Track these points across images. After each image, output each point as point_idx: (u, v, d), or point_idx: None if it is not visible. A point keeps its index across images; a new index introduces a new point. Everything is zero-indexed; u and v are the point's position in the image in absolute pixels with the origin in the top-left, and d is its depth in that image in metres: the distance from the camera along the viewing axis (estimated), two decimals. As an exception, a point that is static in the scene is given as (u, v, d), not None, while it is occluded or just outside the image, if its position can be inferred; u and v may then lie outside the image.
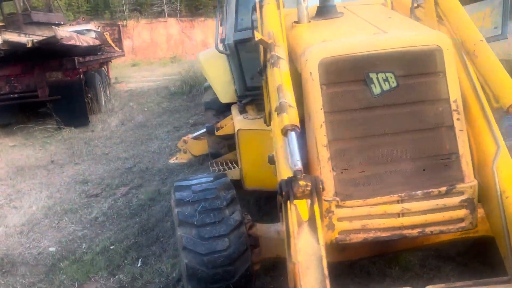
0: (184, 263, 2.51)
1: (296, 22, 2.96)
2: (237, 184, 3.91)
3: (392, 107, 2.37)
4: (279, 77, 2.31)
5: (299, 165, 1.90)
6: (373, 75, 2.36)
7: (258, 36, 2.62)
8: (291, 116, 2.10)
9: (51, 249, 4.26)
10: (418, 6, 3.18)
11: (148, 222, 4.62)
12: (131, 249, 4.06)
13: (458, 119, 2.30)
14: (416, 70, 2.37)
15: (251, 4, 4.09)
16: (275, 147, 2.49)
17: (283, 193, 1.87)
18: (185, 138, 6.78)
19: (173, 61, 27.33)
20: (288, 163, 2.21)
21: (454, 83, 2.32)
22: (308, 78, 2.39)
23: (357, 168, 2.36)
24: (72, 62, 9.12)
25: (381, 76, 2.36)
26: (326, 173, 2.30)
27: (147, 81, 17.75)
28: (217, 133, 4.27)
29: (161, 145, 7.82)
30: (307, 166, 2.44)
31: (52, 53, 8.76)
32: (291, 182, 1.86)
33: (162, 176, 6.15)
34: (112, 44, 15.79)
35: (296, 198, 1.86)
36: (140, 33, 32.51)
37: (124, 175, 6.27)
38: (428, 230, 2.33)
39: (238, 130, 3.72)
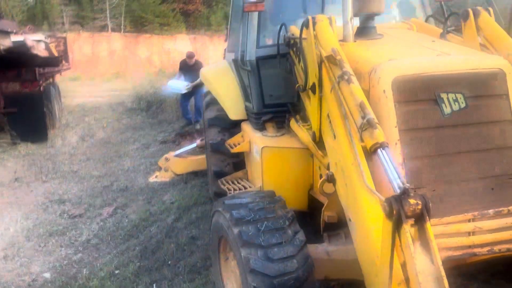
0: (251, 287, 2.37)
1: (341, 40, 2.98)
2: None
3: (461, 127, 2.44)
4: (359, 94, 2.31)
5: (405, 182, 1.88)
6: (443, 95, 2.43)
7: (325, 52, 2.60)
8: (381, 132, 2.10)
9: (46, 275, 3.86)
10: (449, 32, 3.34)
11: (149, 244, 4.35)
12: (140, 273, 3.79)
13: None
14: (482, 92, 2.47)
15: (272, 21, 4.12)
16: (344, 165, 2.45)
17: (394, 212, 1.82)
18: (167, 155, 6.57)
19: (117, 76, 26.46)
20: (364, 182, 2.17)
21: (517, 105, 2.44)
22: (381, 96, 2.40)
23: (429, 187, 2.39)
24: (33, 73, 8.52)
25: (451, 96, 2.43)
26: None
27: (95, 96, 16.97)
28: (233, 150, 4.13)
29: (134, 163, 7.47)
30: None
31: (9, 63, 8.12)
32: (401, 200, 1.81)
33: (146, 196, 5.84)
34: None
35: (407, 217, 1.82)
36: (81, 46, 31.18)
37: (104, 194, 5.89)
38: (497, 248, 2.39)
39: (263, 148, 3.63)
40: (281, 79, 3.92)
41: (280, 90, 3.98)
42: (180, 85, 9.04)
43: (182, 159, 6.61)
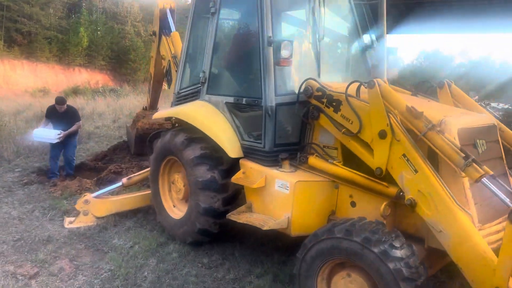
0: None
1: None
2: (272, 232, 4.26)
3: (486, 161, 3.69)
4: (451, 140, 3.30)
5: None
6: (478, 141, 3.66)
7: (397, 107, 3.53)
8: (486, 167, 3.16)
9: None
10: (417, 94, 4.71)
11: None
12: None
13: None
14: (490, 138, 3.82)
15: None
16: (432, 191, 3.32)
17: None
18: (86, 197, 6.00)
19: None
20: (456, 202, 3.19)
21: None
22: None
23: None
24: None
25: (481, 141, 3.68)
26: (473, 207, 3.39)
27: None
28: (253, 186, 4.40)
29: (20, 210, 6.35)
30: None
31: None
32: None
33: (88, 243, 5.25)
34: None
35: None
36: None
37: (24, 252, 4.96)
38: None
39: (297, 182, 4.14)
40: (291, 121, 4.55)
41: (290, 131, 4.60)
42: (50, 133, 7.80)
43: (104, 200, 6.12)
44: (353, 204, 4.14)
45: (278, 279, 4.46)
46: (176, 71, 7.39)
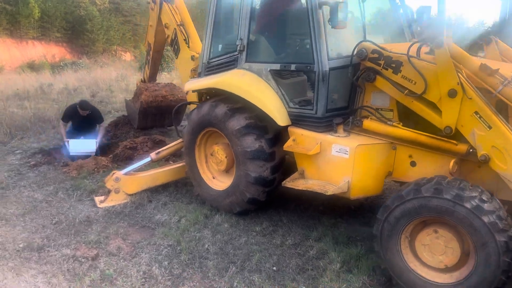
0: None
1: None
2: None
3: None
4: None
5: None
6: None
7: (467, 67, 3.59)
8: None
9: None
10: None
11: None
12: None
13: None
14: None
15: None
16: (508, 146, 3.48)
17: None
18: (116, 175, 5.85)
19: None
20: None
21: None
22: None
23: None
24: None
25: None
26: None
27: None
28: (310, 153, 4.40)
29: (36, 194, 6.10)
30: None
31: None
32: None
33: (139, 221, 5.16)
34: None
35: None
36: None
37: (71, 236, 4.82)
38: None
39: (357, 146, 4.19)
40: (342, 86, 4.55)
41: (340, 95, 4.60)
42: (87, 145, 7.36)
43: (134, 177, 5.98)
44: (413, 163, 4.25)
45: (338, 241, 4.57)
46: (184, 40, 7.19)
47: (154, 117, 9.02)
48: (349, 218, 5.21)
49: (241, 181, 4.94)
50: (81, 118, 7.82)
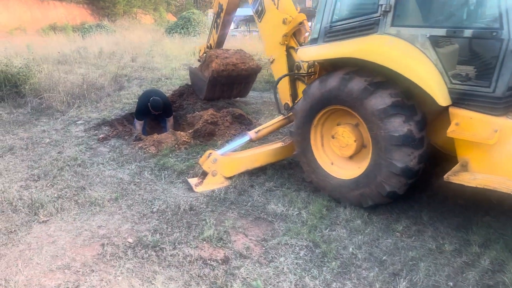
0: None
1: None
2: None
3: None
4: None
5: None
6: None
7: None
8: None
9: None
10: None
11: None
12: None
13: None
14: None
15: None
16: None
17: None
18: (214, 156, 5.08)
19: None
20: None
21: None
22: None
23: None
24: None
25: None
26: None
27: None
28: (490, 141, 3.59)
29: (119, 173, 5.39)
30: None
31: None
32: None
33: (255, 212, 4.43)
34: None
35: None
36: None
37: (183, 230, 4.09)
38: None
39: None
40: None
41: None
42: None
43: (232, 158, 5.23)
44: None
45: (508, 246, 3.79)
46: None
47: (222, 87, 8.17)
48: (499, 215, 4.38)
49: (380, 171, 4.14)
50: (153, 117, 7.33)
